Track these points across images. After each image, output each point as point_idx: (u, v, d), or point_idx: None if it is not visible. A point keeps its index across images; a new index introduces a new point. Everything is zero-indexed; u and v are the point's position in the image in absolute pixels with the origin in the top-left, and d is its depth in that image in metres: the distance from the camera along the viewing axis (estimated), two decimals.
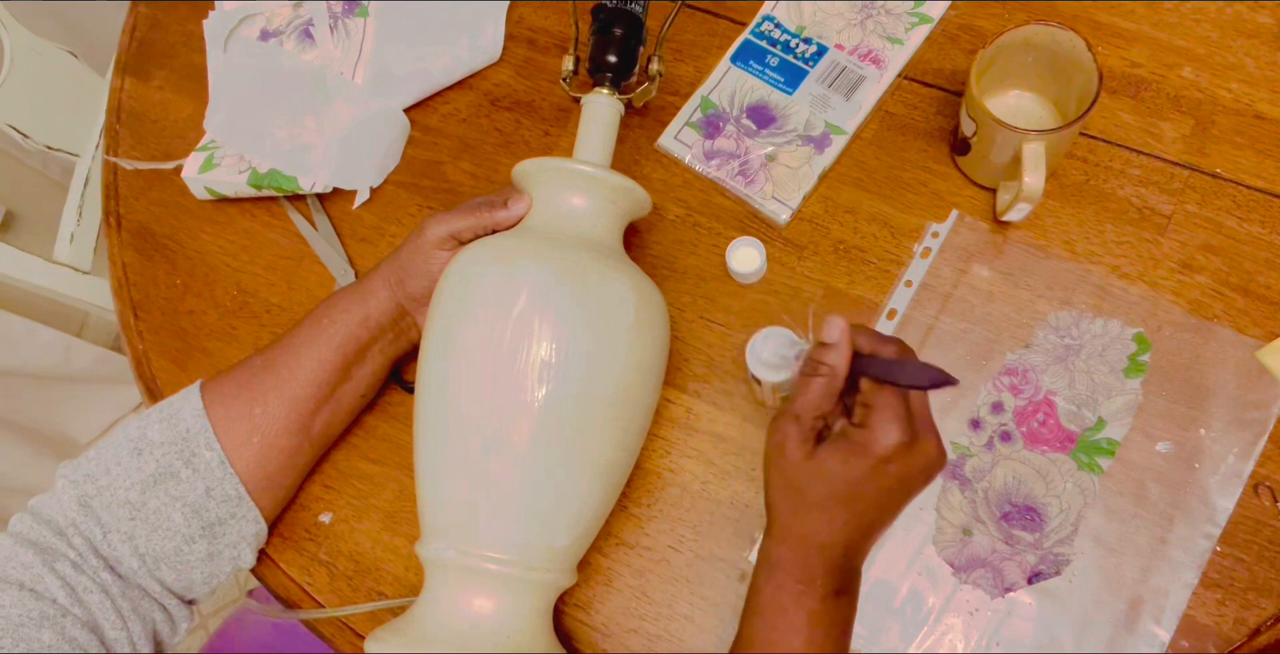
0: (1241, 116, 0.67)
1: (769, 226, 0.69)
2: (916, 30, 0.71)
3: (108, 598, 0.53)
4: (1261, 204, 0.65)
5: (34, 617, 0.50)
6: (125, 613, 0.54)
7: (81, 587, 0.53)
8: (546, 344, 0.52)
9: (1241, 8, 0.69)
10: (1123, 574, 0.58)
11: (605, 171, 0.58)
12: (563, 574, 0.55)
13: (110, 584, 0.54)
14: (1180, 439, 0.61)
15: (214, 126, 0.76)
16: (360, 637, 0.64)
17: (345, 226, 0.75)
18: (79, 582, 0.53)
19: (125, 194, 0.79)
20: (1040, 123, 0.66)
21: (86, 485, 0.56)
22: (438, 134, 0.76)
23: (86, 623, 0.52)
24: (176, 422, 0.58)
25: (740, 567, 0.62)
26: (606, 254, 0.57)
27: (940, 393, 0.63)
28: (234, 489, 0.58)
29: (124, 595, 0.54)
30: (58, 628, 0.50)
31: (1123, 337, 0.63)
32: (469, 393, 0.53)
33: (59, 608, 0.51)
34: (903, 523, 0.61)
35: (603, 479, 0.55)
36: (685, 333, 0.67)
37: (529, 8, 0.78)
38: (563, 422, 0.52)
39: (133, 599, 0.55)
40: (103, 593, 0.53)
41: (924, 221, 0.67)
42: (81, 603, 0.52)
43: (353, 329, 0.61)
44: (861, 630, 0.59)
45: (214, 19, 0.80)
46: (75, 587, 0.52)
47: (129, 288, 0.76)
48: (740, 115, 0.71)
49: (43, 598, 0.51)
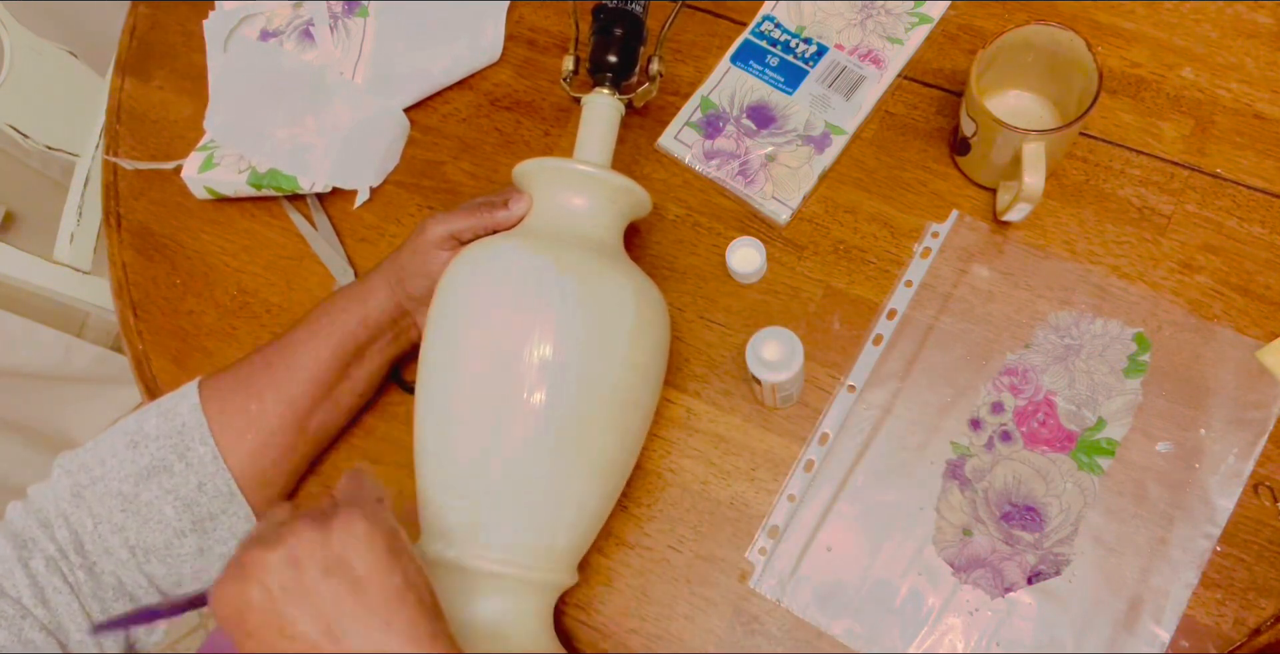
0: (1241, 116, 0.67)
1: (769, 226, 0.69)
2: (916, 30, 0.71)
3: (76, 599, 0.53)
4: (1261, 204, 0.65)
5: None
6: (94, 615, 0.54)
7: (51, 587, 0.53)
8: (546, 344, 0.52)
9: (1241, 8, 0.69)
10: (1123, 574, 0.58)
11: (605, 171, 0.58)
12: (563, 574, 0.55)
13: (83, 583, 0.54)
14: (1180, 439, 0.61)
15: (214, 126, 0.76)
16: None
17: (345, 226, 0.75)
18: (49, 581, 0.53)
19: (125, 194, 0.79)
20: (1040, 123, 0.66)
21: (81, 475, 0.56)
22: (438, 134, 0.76)
23: (47, 625, 0.52)
24: (173, 416, 0.58)
25: (740, 567, 0.62)
26: (607, 254, 0.57)
27: (940, 393, 0.63)
28: (226, 485, 0.58)
29: (95, 596, 0.54)
30: (14, 629, 0.51)
31: (1123, 336, 0.63)
32: (469, 393, 0.53)
33: (21, 608, 0.51)
34: (903, 523, 0.61)
35: (603, 479, 0.55)
36: (685, 333, 0.67)
37: (529, 8, 0.78)
38: (563, 422, 0.52)
39: (104, 600, 0.55)
40: (72, 593, 0.53)
41: (924, 221, 0.67)
42: (47, 604, 0.52)
43: (352, 328, 0.61)
44: (861, 630, 0.59)
45: (214, 19, 0.80)
46: (44, 586, 0.53)
47: (129, 288, 0.76)
48: (740, 115, 0.71)
49: (6, 596, 0.52)
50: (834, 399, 0.64)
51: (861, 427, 0.63)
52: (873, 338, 0.65)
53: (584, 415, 0.53)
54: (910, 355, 0.64)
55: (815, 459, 0.63)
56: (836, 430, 0.63)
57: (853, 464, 0.63)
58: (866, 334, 0.65)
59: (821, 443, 0.63)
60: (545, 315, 0.52)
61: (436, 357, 0.55)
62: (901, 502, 0.61)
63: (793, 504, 0.62)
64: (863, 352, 0.65)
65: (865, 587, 0.60)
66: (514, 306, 0.53)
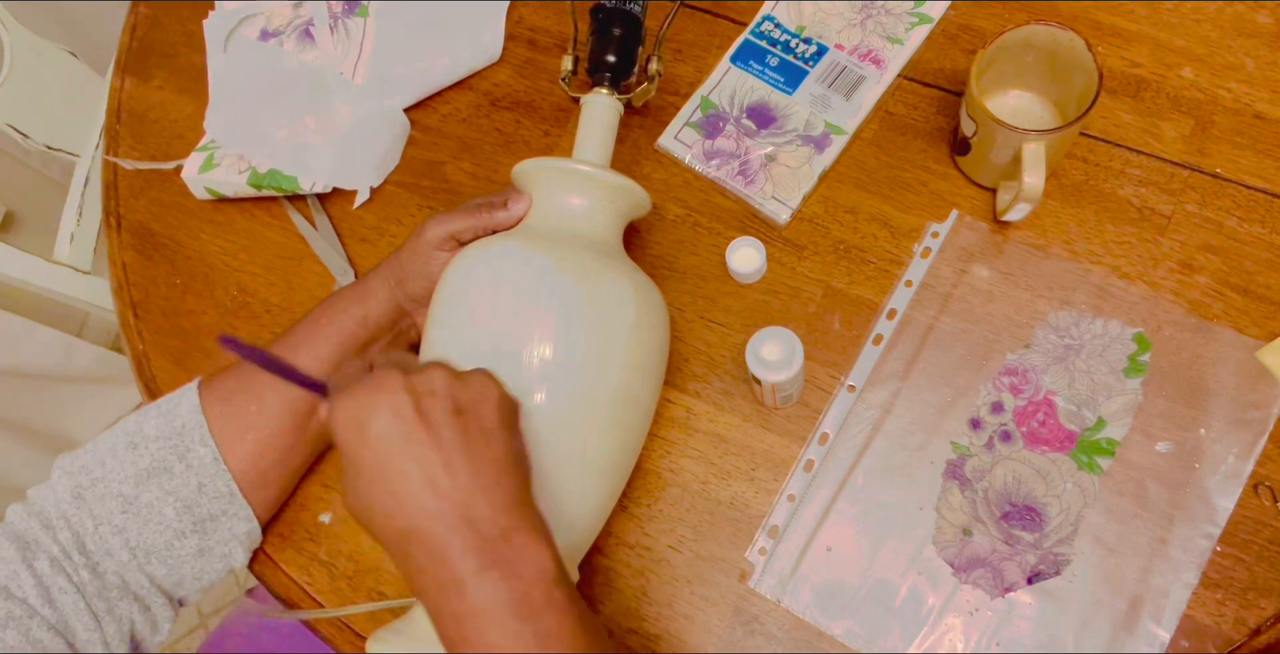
0: (1241, 116, 0.67)
1: (769, 226, 0.69)
2: (916, 30, 0.71)
3: (82, 598, 0.53)
4: (1261, 204, 0.65)
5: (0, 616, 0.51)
6: (100, 613, 0.54)
7: (56, 586, 0.53)
8: (546, 344, 0.52)
9: (1241, 8, 0.69)
10: (1123, 574, 0.58)
11: (604, 171, 0.58)
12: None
13: (87, 583, 0.54)
14: (1180, 439, 0.61)
15: (214, 126, 0.76)
16: (360, 637, 0.64)
17: (345, 226, 0.75)
18: (54, 581, 0.53)
19: (125, 194, 0.79)
20: (1040, 123, 0.66)
21: (81, 477, 0.56)
22: (438, 134, 0.76)
23: (55, 625, 0.52)
24: (173, 417, 0.58)
25: (740, 567, 0.62)
26: (606, 254, 0.57)
27: (940, 393, 0.63)
28: (226, 486, 0.58)
29: (100, 595, 0.54)
30: (23, 629, 0.51)
31: (1123, 336, 0.63)
32: None
33: (28, 608, 0.51)
34: (903, 523, 0.61)
35: (603, 479, 0.55)
36: (685, 333, 0.67)
37: (529, 8, 0.78)
38: (563, 422, 0.52)
39: (109, 599, 0.55)
40: (77, 593, 0.53)
41: (924, 221, 0.67)
42: (53, 603, 0.52)
43: (352, 329, 0.61)
44: (861, 630, 0.59)
45: (214, 19, 0.80)
46: (50, 586, 0.53)
47: (129, 288, 0.76)
48: (740, 115, 0.71)
49: (13, 597, 0.51)
50: (834, 399, 0.64)
51: (861, 427, 0.63)
52: (873, 338, 0.65)
53: (584, 415, 0.53)
54: (910, 355, 0.64)
55: (815, 459, 0.63)
56: (836, 430, 0.63)
57: (853, 464, 0.63)
58: (866, 334, 0.65)
59: (821, 443, 0.63)
60: (545, 315, 0.52)
61: (436, 357, 0.55)
62: (901, 502, 0.61)
63: (793, 504, 0.62)
64: (863, 352, 0.65)
65: (865, 587, 0.60)
66: (514, 307, 0.53)
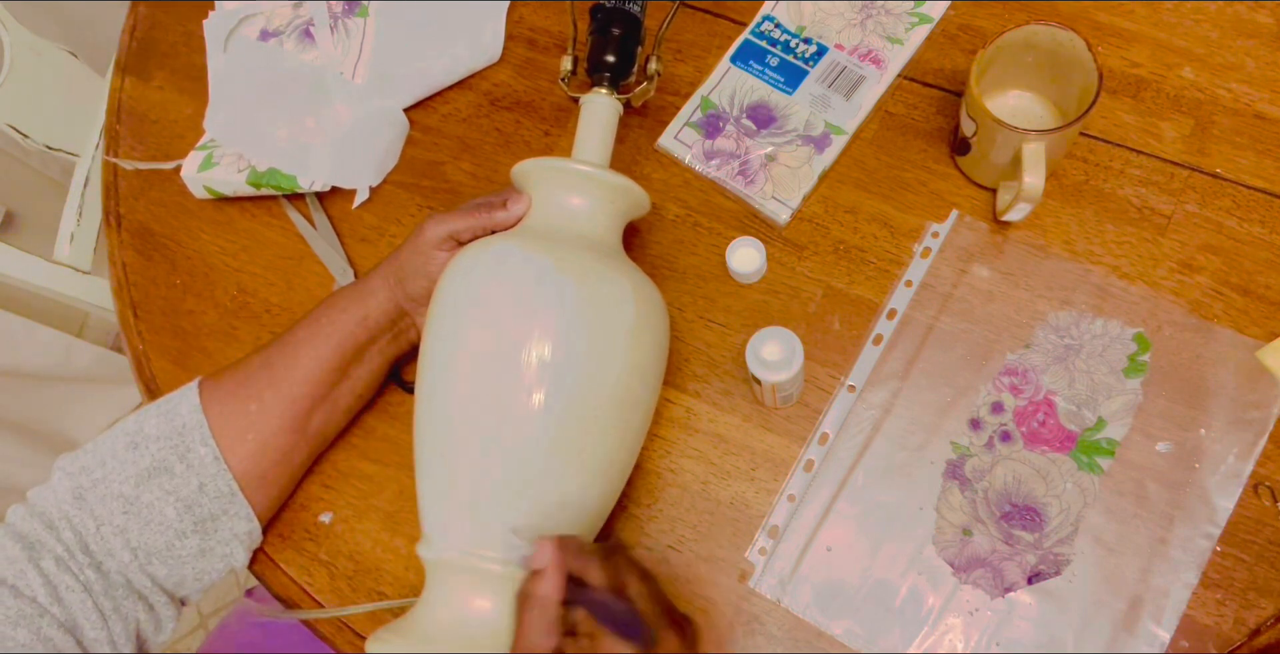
0: (1241, 116, 0.67)
1: (769, 226, 0.69)
2: (916, 30, 0.71)
3: (89, 596, 0.53)
4: (1261, 204, 0.65)
5: (11, 615, 0.51)
6: (106, 612, 0.54)
7: (63, 585, 0.53)
8: (546, 344, 0.52)
9: (1241, 8, 0.69)
10: (1123, 574, 0.58)
11: (603, 171, 0.58)
12: None
13: (93, 582, 0.54)
14: (1180, 439, 0.61)
15: (214, 126, 0.76)
16: (360, 637, 0.64)
17: (345, 226, 0.75)
18: (61, 580, 0.53)
19: (125, 194, 0.79)
20: (1040, 123, 0.66)
21: (81, 478, 0.56)
22: (438, 134, 0.76)
23: (64, 623, 0.52)
24: (173, 417, 0.58)
25: (740, 567, 0.62)
26: (606, 254, 0.57)
27: (940, 393, 0.63)
28: (227, 485, 0.58)
29: (106, 594, 0.54)
30: (33, 627, 0.51)
31: (1123, 336, 0.63)
32: (469, 393, 0.53)
33: (38, 607, 0.52)
34: (903, 523, 0.61)
35: (603, 479, 0.55)
36: (685, 333, 0.67)
37: (529, 8, 0.78)
38: (562, 422, 0.52)
39: (115, 598, 0.55)
40: (84, 591, 0.53)
41: (924, 221, 0.67)
42: (61, 602, 0.52)
43: (351, 329, 0.61)
44: (861, 630, 0.59)
45: (214, 19, 0.80)
46: (57, 585, 0.53)
47: (129, 288, 0.76)
48: (740, 115, 0.71)
49: (22, 595, 0.52)
50: (834, 399, 0.64)
51: (861, 427, 0.63)
52: (873, 338, 0.65)
53: (583, 415, 0.53)
54: (910, 355, 0.64)
55: (815, 459, 0.63)
56: (836, 430, 0.63)
57: (853, 464, 0.63)
58: (866, 334, 0.65)
59: (821, 443, 0.63)
60: (545, 315, 0.52)
61: (436, 357, 0.55)
62: (901, 502, 0.61)
63: (793, 504, 0.62)
64: (863, 352, 0.65)
65: (865, 587, 0.60)
66: (513, 307, 0.53)
